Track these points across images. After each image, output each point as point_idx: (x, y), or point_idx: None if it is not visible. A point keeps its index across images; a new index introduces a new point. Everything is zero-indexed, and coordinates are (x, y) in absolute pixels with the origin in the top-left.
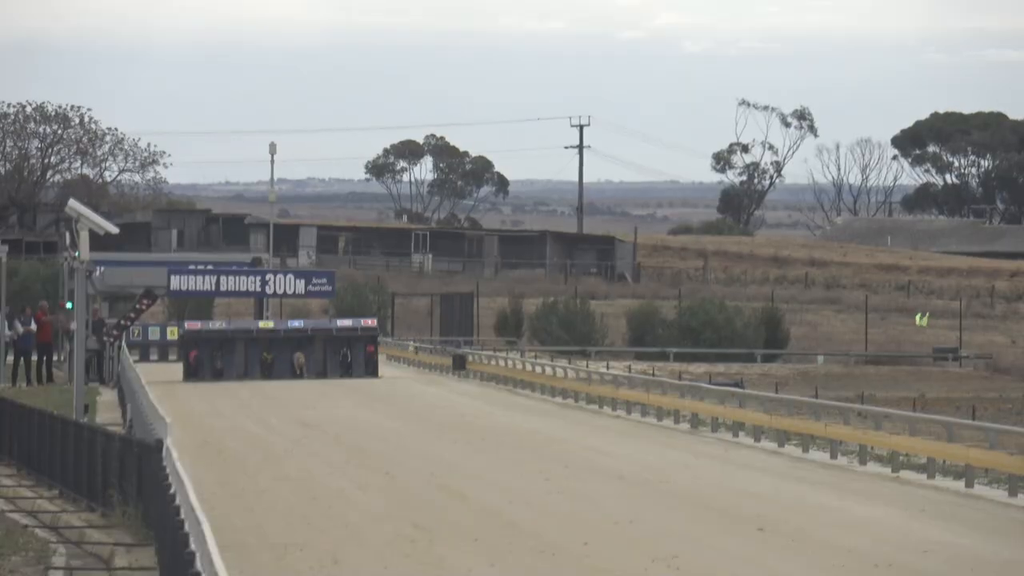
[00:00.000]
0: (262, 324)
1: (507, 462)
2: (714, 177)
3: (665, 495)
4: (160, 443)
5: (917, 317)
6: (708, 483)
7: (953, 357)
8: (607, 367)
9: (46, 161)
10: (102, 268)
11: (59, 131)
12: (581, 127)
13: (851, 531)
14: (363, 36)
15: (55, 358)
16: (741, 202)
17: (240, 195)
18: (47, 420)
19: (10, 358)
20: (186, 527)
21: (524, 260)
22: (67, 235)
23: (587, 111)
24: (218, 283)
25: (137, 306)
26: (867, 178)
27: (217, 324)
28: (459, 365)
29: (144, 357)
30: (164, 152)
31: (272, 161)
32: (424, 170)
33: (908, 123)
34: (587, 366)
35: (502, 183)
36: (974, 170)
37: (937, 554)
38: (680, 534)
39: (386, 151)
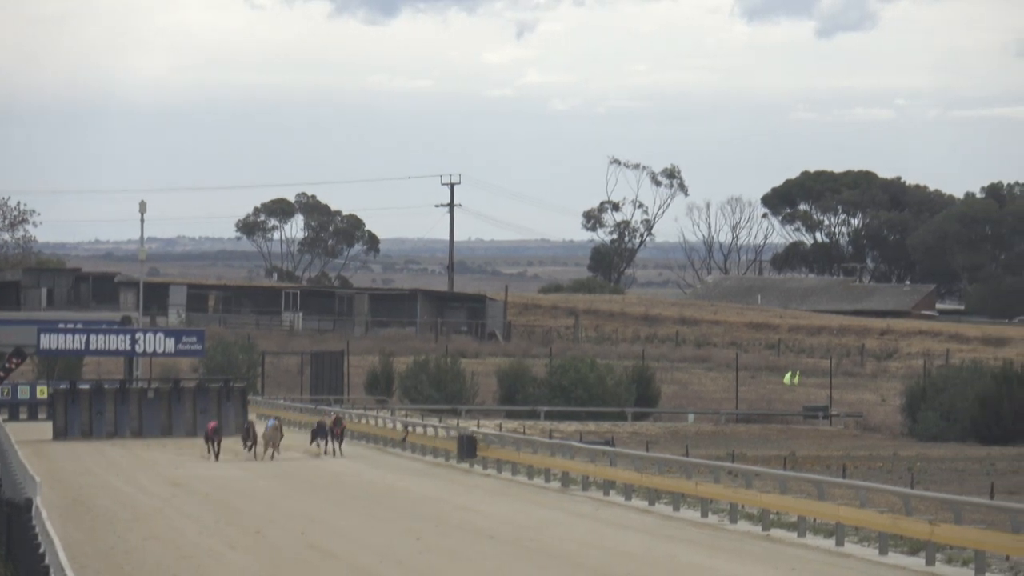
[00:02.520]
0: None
1: (379, 521)
2: (585, 235)
3: (536, 554)
4: (30, 502)
5: (787, 376)
6: (579, 542)
7: (823, 415)
8: (478, 426)
9: None
10: None
11: None
12: (452, 185)
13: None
14: (234, 95)
15: None
16: (612, 260)
17: (110, 254)
18: None
19: None
20: None
21: (395, 318)
22: None
23: (458, 169)
24: (88, 342)
25: (6, 365)
26: (737, 236)
27: (87, 383)
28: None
29: (13, 416)
30: (33, 211)
31: (142, 220)
32: (295, 228)
33: (778, 181)
34: (457, 425)
35: (373, 241)
36: (844, 228)
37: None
38: None
39: (257, 209)
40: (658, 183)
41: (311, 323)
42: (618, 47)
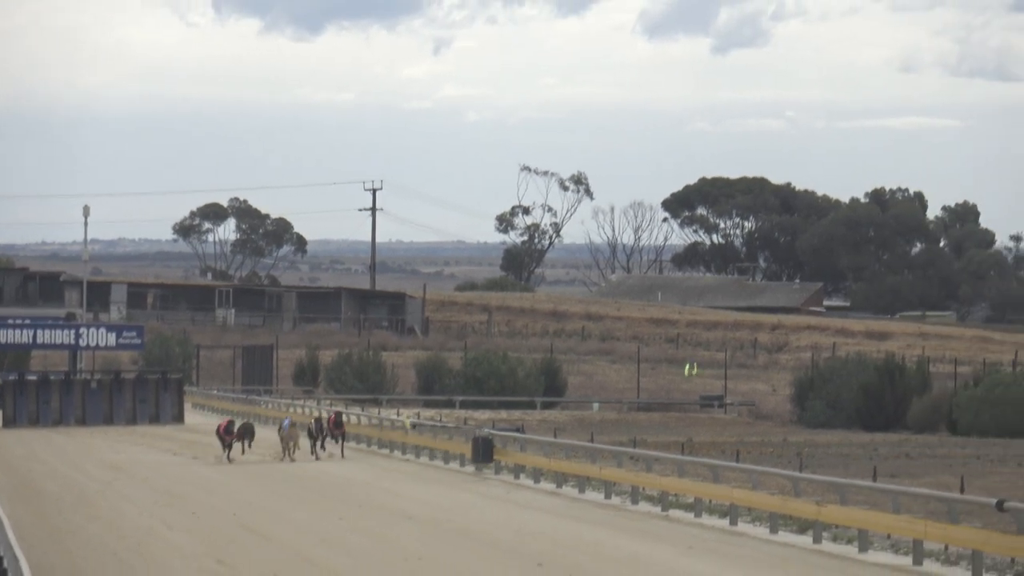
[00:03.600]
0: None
1: (306, 503)
2: (498, 237)
3: (453, 534)
4: None
5: (686, 367)
6: (492, 523)
7: (718, 404)
8: (397, 414)
9: None
10: None
11: None
12: (374, 191)
13: (624, 567)
14: (171, 107)
15: None
16: (522, 261)
17: (56, 254)
18: None
19: None
20: (5, 563)
21: (320, 315)
22: None
23: (380, 176)
24: (35, 336)
25: None
26: (639, 238)
27: (34, 375)
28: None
29: None
30: None
31: (85, 223)
32: (228, 231)
33: (678, 187)
34: (379, 413)
35: (300, 243)
36: (738, 231)
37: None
38: (467, 571)
39: (192, 213)
40: (566, 189)
41: (242, 319)
42: (529, 62)
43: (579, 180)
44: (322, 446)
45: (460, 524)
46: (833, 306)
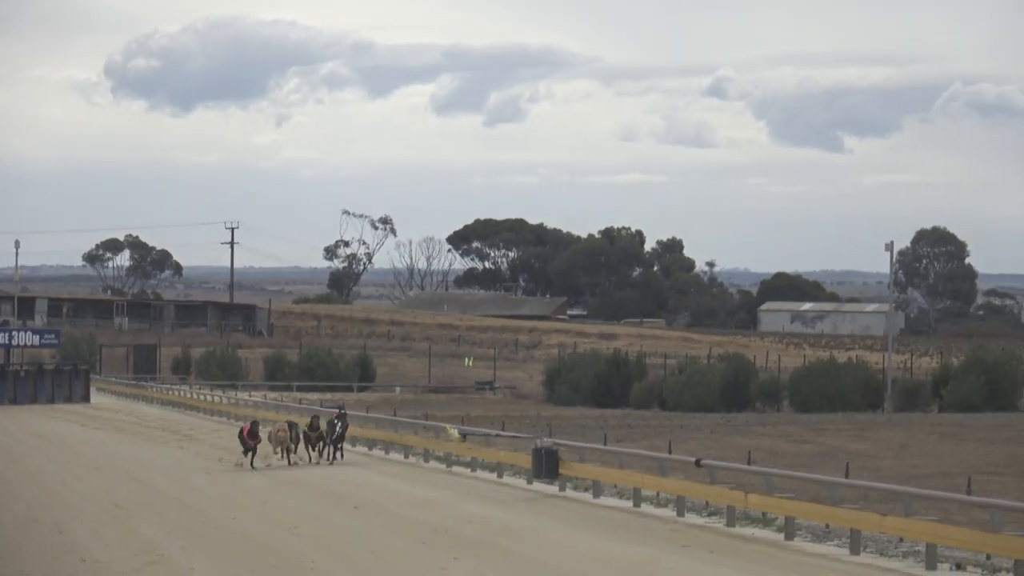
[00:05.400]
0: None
1: (181, 459)
2: (325, 264)
3: (287, 483)
4: None
5: (466, 360)
6: (320, 476)
7: (489, 388)
8: (249, 396)
9: None
10: None
11: None
12: (232, 229)
13: (419, 507)
14: (80, 164)
15: None
16: (343, 281)
17: None
18: None
19: None
20: None
21: (192, 322)
22: None
23: (237, 217)
24: None
25: None
26: (431, 264)
27: None
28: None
29: None
30: None
31: (16, 253)
32: (123, 259)
33: (459, 226)
34: (236, 395)
35: (177, 268)
36: (504, 259)
37: (477, 524)
38: (298, 511)
39: (97, 246)
40: (376, 227)
41: (134, 325)
42: (348, 132)
43: (386, 221)
44: (319, 451)
45: (294, 476)
46: (574, 315)
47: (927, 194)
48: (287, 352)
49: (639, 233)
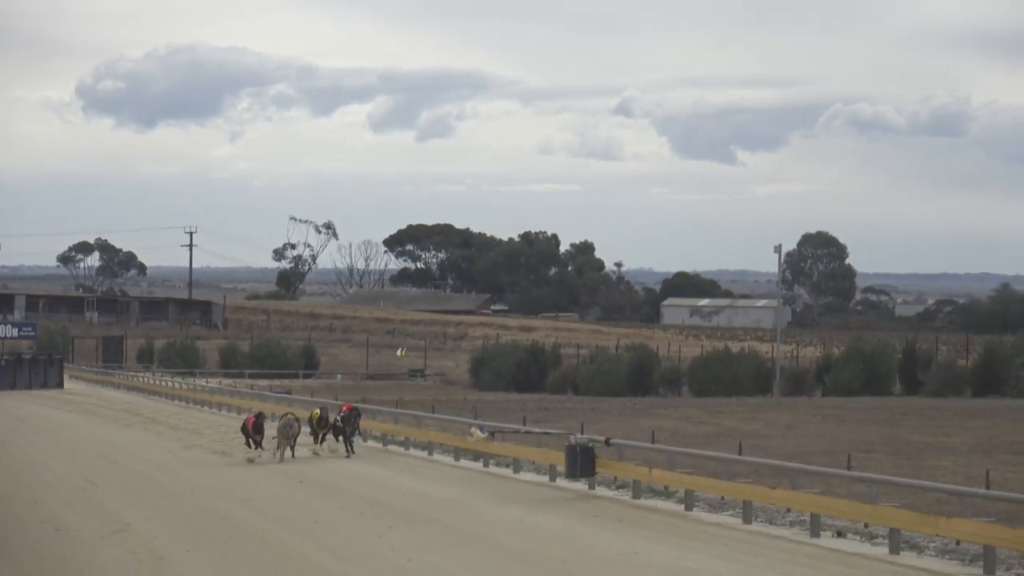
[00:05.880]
0: None
1: (149, 440)
2: (274, 264)
3: (243, 464)
4: None
5: (398, 351)
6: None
7: (420, 375)
8: (206, 382)
9: None
10: None
11: None
12: (191, 233)
13: (358, 482)
14: (56, 175)
15: None
16: (291, 280)
17: None
18: None
19: None
20: None
21: (155, 316)
22: None
23: (195, 223)
24: None
25: None
26: (368, 265)
27: None
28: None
29: None
30: None
31: None
32: (94, 260)
33: (394, 231)
34: (194, 381)
35: (142, 268)
36: (434, 259)
37: (409, 496)
38: (245, 485)
39: (70, 248)
40: (319, 232)
41: (103, 319)
42: (294, 147)
43: (329, 226)
44: (322, 439)
45: (242, 455)
46: (497, 309)
47: (811, 202)
48: (240, 343)
49: (555, 237)
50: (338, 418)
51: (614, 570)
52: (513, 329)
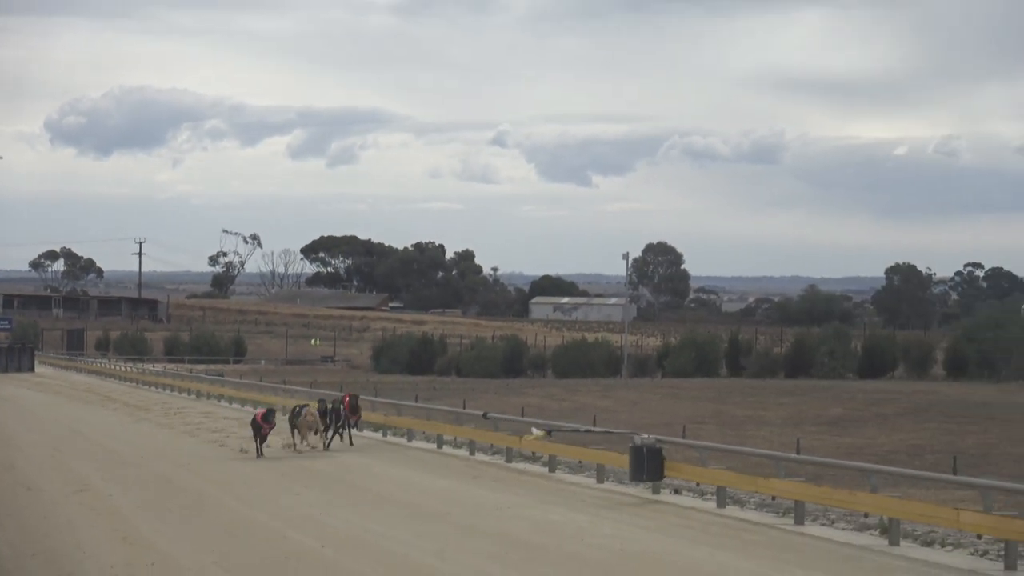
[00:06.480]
0: None
1: (105, 415)
2: (209, 269)
3: (187, 434)
4: None
5: (312, 341)
6: (207, 428)
7: (331, 361)
8: (153, 366)
9: None
10: None
11: None
12: (140, 243)
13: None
14: (28, 194)
15: None
16: (223, 282)
17: None
18: None
19: None
20: None
21: (111, 312)
22: None
23: (143, 234)
24: None
25: None
26: (287, 269)
27: None
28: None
29: None
30: None
31: None
32: (59, 265)
33: (309, 241)
34: (143, 366)
35: (100, 272)
36: (343, 265)
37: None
38: (185, 452)
39: (40, 255)
40: (247, 242)
41: (67, 314)
42: (226, 171)
43: (255, 237)
44: (339, 434)
45: (187, 424)
46: (394, 307)
47: (653, 217)
48: (181, 334)
49: (442, 246)
50: (331, 407)
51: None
52: (407, 323)
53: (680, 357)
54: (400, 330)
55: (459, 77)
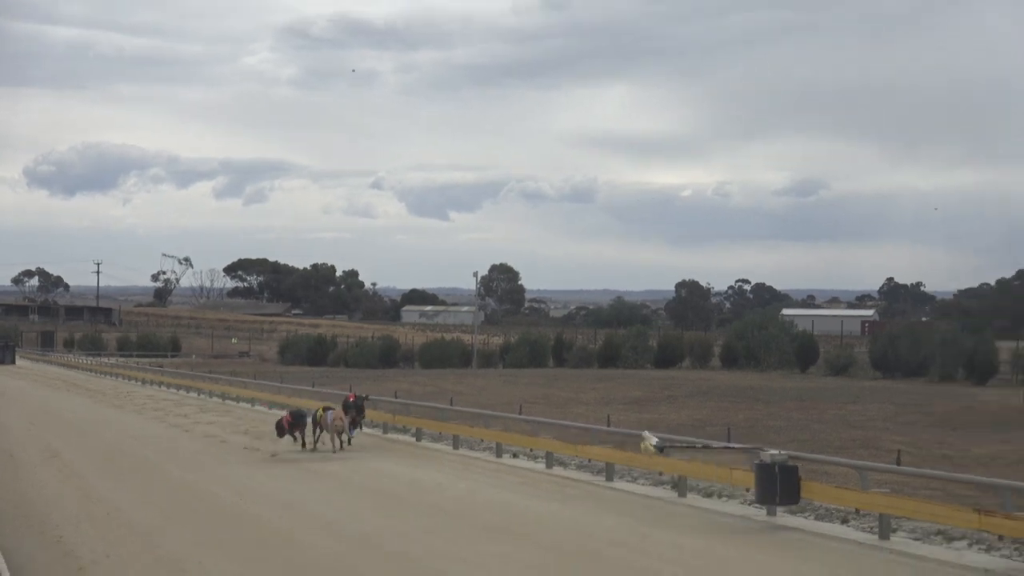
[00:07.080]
0: None
1: (71, 398)
2: (152, 284)
3: (140, 412)
4: None
5: (232, 340)
6: (151, 408)
7: (247, 355)
8: (108, 359)
9: None
10: None
11: None
12: (98, 264)
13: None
14: (11, 226)
15: None
16: (163, 294)
17: None
18: None
19: None
20: None
21: (76, 318)
22: None
23: (101, 258)
24: None
25: None
26: (213, 284)
27: None
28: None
29: None
30: None
31: None
32: (35, 282)
33: (229, 262)
34: (101, 359)
35: (67, 287)
36: (255, 281)
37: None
38: (136, 426)
39: (20, 273)
40: (181, 263)
41: (41, 320)
42: (164, 209)
43: (187, 259)
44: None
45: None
46: (296, 313)
47: (497, 244)
48: (130, 335)
49: (333, 267)
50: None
51: None
52: (306, 326)
53: (517, 352)
54: (301, 331)
55: (346, 135)
